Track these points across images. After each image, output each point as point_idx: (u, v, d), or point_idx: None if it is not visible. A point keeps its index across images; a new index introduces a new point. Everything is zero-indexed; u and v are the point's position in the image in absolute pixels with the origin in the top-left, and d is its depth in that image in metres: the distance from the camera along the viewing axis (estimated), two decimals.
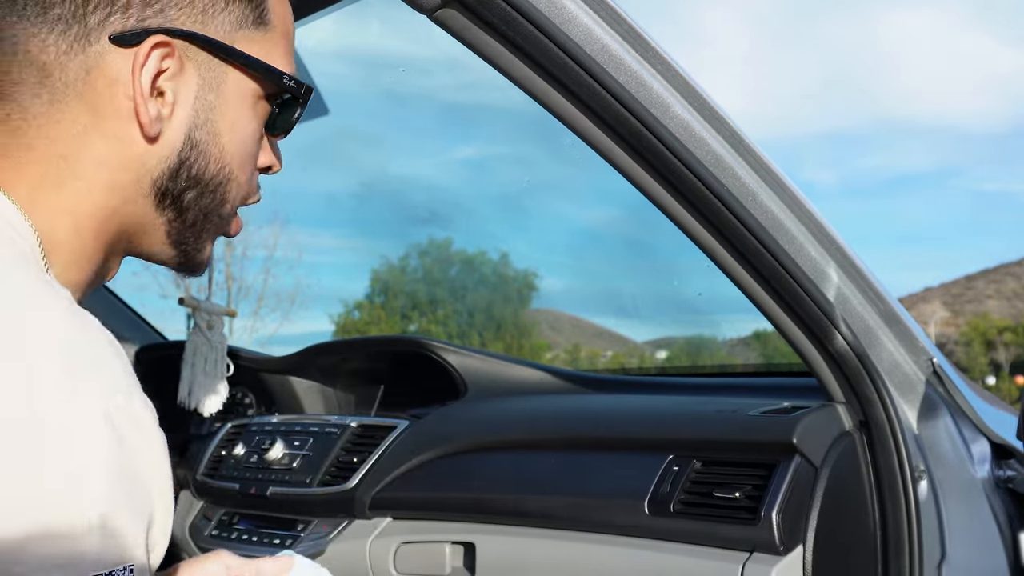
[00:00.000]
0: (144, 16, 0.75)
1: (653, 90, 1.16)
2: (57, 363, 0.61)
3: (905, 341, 1.50)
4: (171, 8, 0.76)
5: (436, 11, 1.03)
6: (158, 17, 0.75)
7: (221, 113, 0.81)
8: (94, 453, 0.60)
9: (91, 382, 0.62)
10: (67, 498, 0.59)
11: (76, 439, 0.60)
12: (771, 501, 1.32)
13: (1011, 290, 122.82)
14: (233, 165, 0.84)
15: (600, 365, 60.03)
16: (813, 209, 1.37)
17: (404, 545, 1.69)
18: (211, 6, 0.78)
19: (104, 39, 0.74)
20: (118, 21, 0.74)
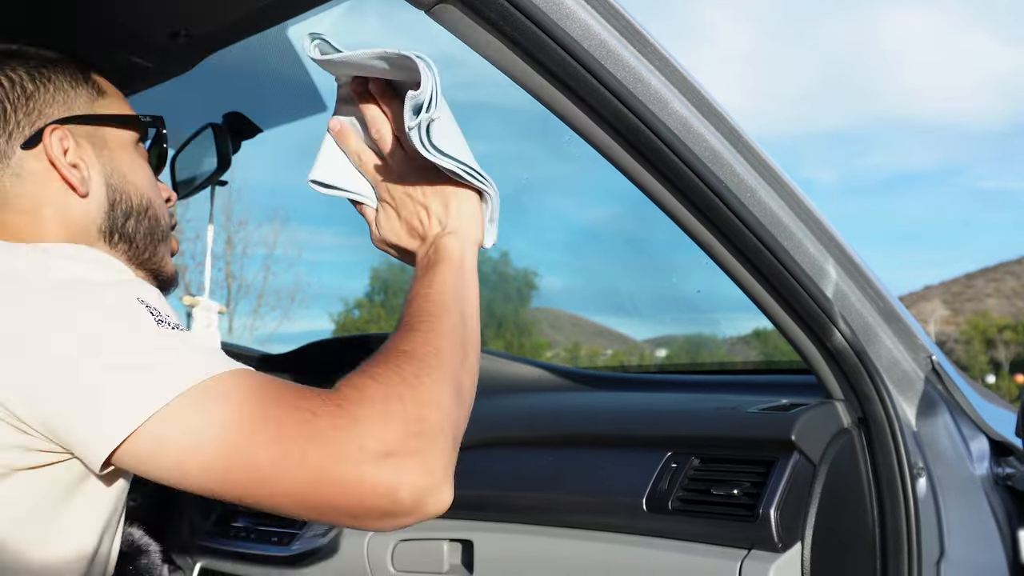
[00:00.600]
0: (32, 123, 1.07)
1: (651, 86, 1.15)
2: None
3: (904, 338, 1.50)
4: (45, 109, 1.09)
5: (433, 7, 1.03)
6: (40, 119, 1.08)
7: (119, 160, 1.13)
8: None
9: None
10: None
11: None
12: (769, 498, 1.32)
13: (1011, 288, 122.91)
14: (149, 194, 1.16)
15: (600, 363, 60.05)
16: (812, 206, 1.36)
17: (402, 543, 1.69)
18: (66, 95, 1.11)
19: (17, 149, 1.06)
20: (17, 136, 1.07)
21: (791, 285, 1.33)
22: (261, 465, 0.80)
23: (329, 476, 0.80)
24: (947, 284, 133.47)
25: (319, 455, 0.80)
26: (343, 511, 0.82)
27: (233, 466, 0.81)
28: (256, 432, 0.80)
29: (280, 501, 0.81)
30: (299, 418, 0.81)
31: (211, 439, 0.80)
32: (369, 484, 0.81)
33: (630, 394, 1.94)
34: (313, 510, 0.83)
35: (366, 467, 0.81)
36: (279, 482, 0.80)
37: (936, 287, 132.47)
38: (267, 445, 0.80)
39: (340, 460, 0.81)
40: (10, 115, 1.07)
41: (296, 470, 0.80)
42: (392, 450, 0.82)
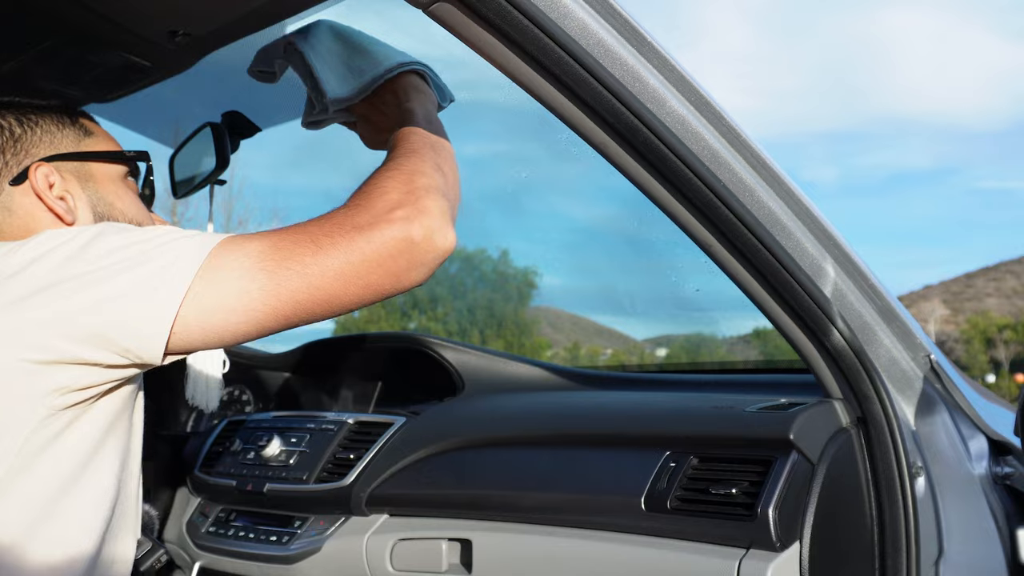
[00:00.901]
0: (20, 163, 1.19)
1: (649, 85, 1.15)
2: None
3: (903, 338, 1.50)
4: (32, 148, 1.21)
5: (431, 6, 1.03)
6: (28, 158, 1.20)
7: (105, 191, 1.25)
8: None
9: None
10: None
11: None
12: (768, 497, 1.32)
13: (1011, 288, 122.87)
14: (138, 219, 1.27)
15: (600, 363, 60.05)
16: (810, 205, 1.36)
17: (401, 542, 1.68)
18: (52, 136, 1.23)
19: (6, 186, 1.19)
20: (6, 175, 1.19)
21: (789, 284, 1.33)
22: (300, 278, 0.98)
23: (356, 249, 0.99)
24: (947, 283, 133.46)
25: (341, 238, 0.99)
26: (382, 274, 1.00)
27: (273, 304, 0.98)
28: (281, 255, 0.98)
29: (333, 303, 1.00)
30: (313, 225, 1.01)
31: (240, 296, 0.97)
32: (388, 238, 1.00)
33: (629, 393, 1.94)
34: (358, 291, 1.00)
35: (380, 227, 1.00)
36: (320, 284, 0.98)
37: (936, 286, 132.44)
38: (296, 259, 0.98)
39: (358, 233, 1.00)
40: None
41: (329, 261, 0.98)
42: (395, 206, 1.02)
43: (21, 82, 1.73)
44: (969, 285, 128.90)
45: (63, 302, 0.96)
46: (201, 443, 2.23)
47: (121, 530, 1.16)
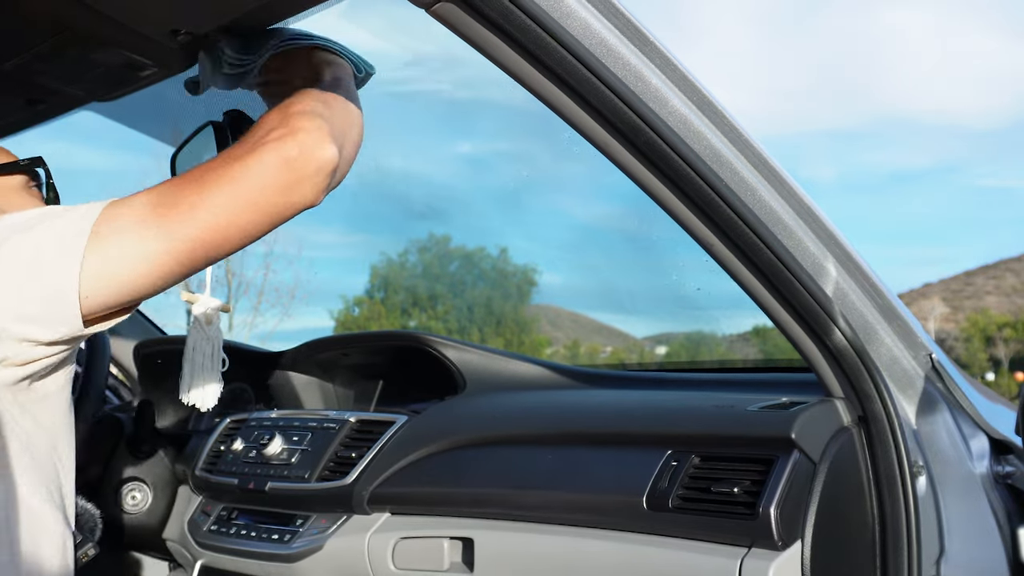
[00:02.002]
0: None
1: (651, 84, 1.15)
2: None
3: (904, 337, 1.50)
4: None
5: (434, 5, 1.03)
6: None
7: (5, 202, 1.28)
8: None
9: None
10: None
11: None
12: (769, 496, 1.32)
13: (1011, 286, 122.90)
14: None
15: (600, 361, 60.05)
16: (812, 204, 1.36)
17: (403, 540, 1.69)
18: None
19: None
20: None
21: (791, 283, 1.33)
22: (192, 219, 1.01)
23: (237, 177, 1.03)
24: (947, 282, 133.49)
25: (222, 171, 1.04)
26: (269, 195, 1.04)
27: (174, 247, 1.01)
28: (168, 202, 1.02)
29: (231, 233, 1.03)
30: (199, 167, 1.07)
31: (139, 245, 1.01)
32: (265, 159, 1.04)
33: (630, 392, 1.95)
34: (253, 217, 1.04)
35: (256, 151, 1.05)
36: (213, 220, 1.02)
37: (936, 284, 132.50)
38: (183, 201, 1.02)
39: (236, 161, 1.04)
40: None
41: (215, 196, 1.02)
42: (269, 131, 1.07)
43: (22, 80, 1.73)
44: (969, 283, 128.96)
45: None
46: (203, 441, 2.23)
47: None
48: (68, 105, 1.89)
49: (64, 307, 1.00)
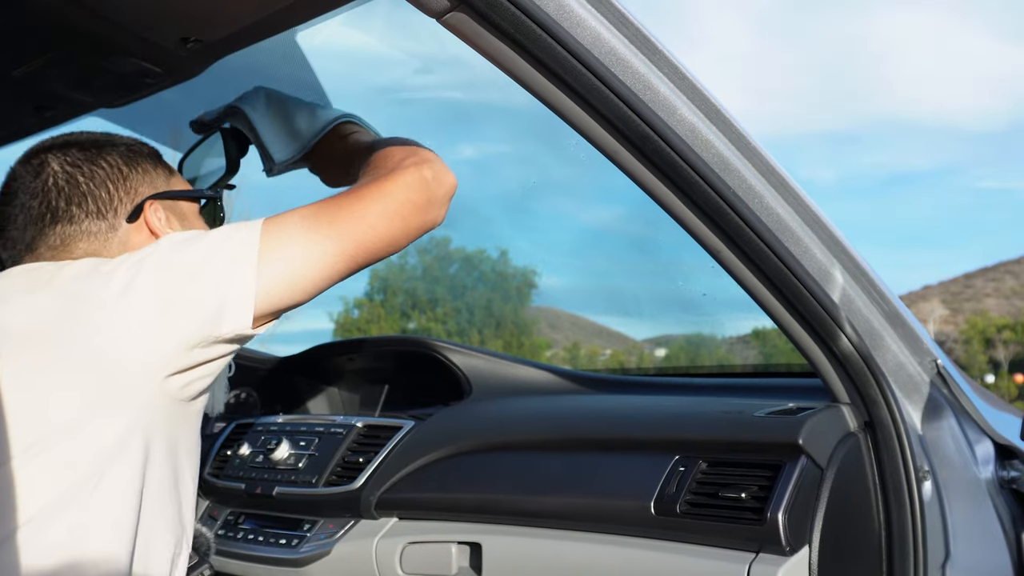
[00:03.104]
0: (133, 200, 1.31)
1: (660, 93, 1.16)
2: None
3: (909, 342, 1.51)
4: (140, 187, 1.33)
5: (445, 15, 1.04)
6: (138, 196, 1.32)
7: (192, 224, 1.40)
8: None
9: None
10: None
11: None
12: (777, 502, 1.32)
13: (1010, 288, 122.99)
14: None
15: (599, 363, 60.02)
16: (819, 211, 1.37)
17: (410, 545, 1.69)
18: (150, 175, 1.36)
19: (123, 223, 1.31)
20: (122, 212, 1.31)
21: (798, 290, 1.34)
22: (361, 226, 1.18)
23: (388, 193, 1.21)
24: (946, 284, 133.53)
25: (377, 189, 1.21)
26: (411, 210, 1.22)
27: (345, 248, 1.17)
28: (330, 213, 1.18)
29: (383, 242, 1.20)
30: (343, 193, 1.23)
31: (314, 247, 1.15)
32: (409, 179, 1.22)
33: (637, 397, 1.95)
34: (400, 227, 1.22)
35: (399, 174, 1.23)
36: (374, 229, 1.19)
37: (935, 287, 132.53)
38: (352, 214, 1.18)
39: (385, 181, 1.22)
40: (113, 194, 1.30)
41: (372, 207, 1.19)
42: (403, 159, 1.26)
43: (31, 87, 1.74)
44: (968, 285, 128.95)
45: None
46: (209, 446, 2.24)
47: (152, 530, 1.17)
48: (76, 112, 1.90)
49: (239, 306, 1.12)
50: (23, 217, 1.28)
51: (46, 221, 1.27)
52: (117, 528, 1.08)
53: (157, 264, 1.12)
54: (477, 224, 55.22)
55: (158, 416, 1.12)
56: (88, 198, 1.28)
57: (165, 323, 1.09)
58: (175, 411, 1.14)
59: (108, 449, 1.07)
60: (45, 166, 1.29)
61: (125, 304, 1.09)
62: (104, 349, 1.08)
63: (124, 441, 1.08)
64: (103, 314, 1.09)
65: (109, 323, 1.09)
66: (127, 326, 1.09)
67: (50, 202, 1.27)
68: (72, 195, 1.27)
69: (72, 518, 1.05)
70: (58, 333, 1.09)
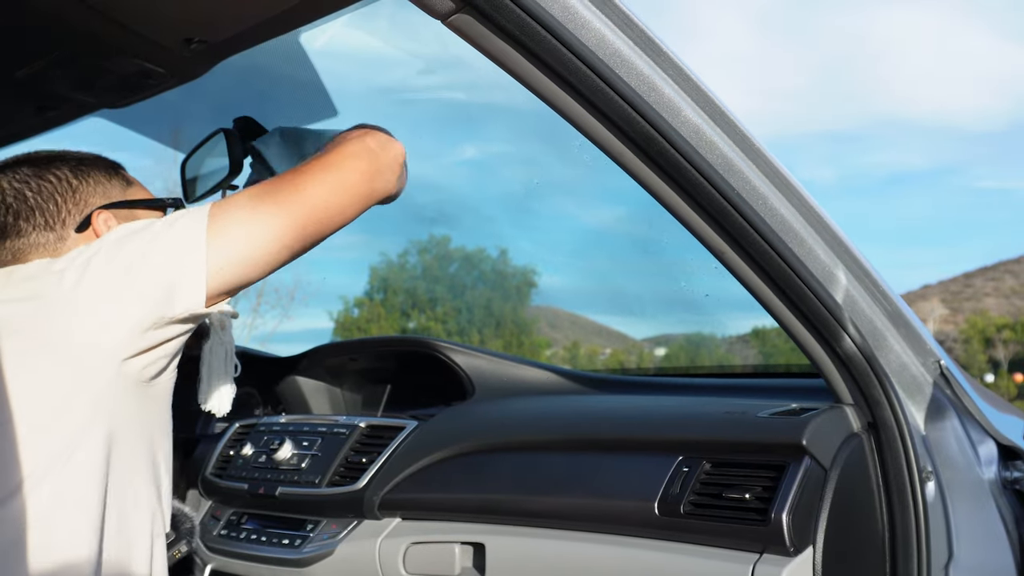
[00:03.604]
0: (80, 211, 1.33)
1: (664, 94, 1.16)
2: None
3: (912, 343, 1.51)
4: (90, 199, 1.34)
5: (450, 16, 1.04)
6: (87, 207, 1.33)
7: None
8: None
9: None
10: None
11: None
12: (781, 502, 1.33)
13: (1009, 288, 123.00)
14: None
15: (599, 362, 60.03)
16: (822, 212, 1.37)
17: (414, 545, 1.69)
18: (103, 186, 1.37)
19: (71, 233, 1.32)
20: (70, 223, 1.32)
21: (801, 290, 1.34)
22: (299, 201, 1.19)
23: (331, 164, 1.24)
24: (946, 283, 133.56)
25: (319, 163, 1.25)
26: (357, 179, 1.26)
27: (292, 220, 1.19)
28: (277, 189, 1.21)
29: (332, 212, 1.23)
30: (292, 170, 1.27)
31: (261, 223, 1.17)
32: (352, 151, 1.27)
33: (640, 398, 1.95)
34: (349, 198, 1.25)
35: (343, 146, 1.28)
36: (321, 200, 1.21)
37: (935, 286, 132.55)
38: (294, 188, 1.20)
39: (327, 154, 1.26)
40: (61, 206, 1.32)
41: (319, 179, 1.22)
42: (348, 135, 1.32)
43: (34, 88, 1.74)
44: (968, 285, 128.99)
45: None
46: (212, 446, 2.24)
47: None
48: (78, 112, 1.90)
49: (191, 286, 1.15)
50: None
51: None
52: (81, 507, 1.12)
53: (107, 255, 1.16)
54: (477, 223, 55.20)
55: (122, 399, 1.16)
56: (36, 211, 1.31)
57: (118, 309, 1.13)
58: (138, 393, 1.18)
59: (73, 430, 1.12)
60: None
61: (78, 296, 1.14)
62: (64, 338, 1.13)
63: (88, 423, 1.13)
64: (59, 308, 1.14)
65: (66, 315, 1.13)
66: (83, 316, 1.13)
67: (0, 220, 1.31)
68: (20, 210, 1.31)
69: (41, 496, 1.09)
70: (21, 327, 1.14)
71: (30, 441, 1.10)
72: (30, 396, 1.11)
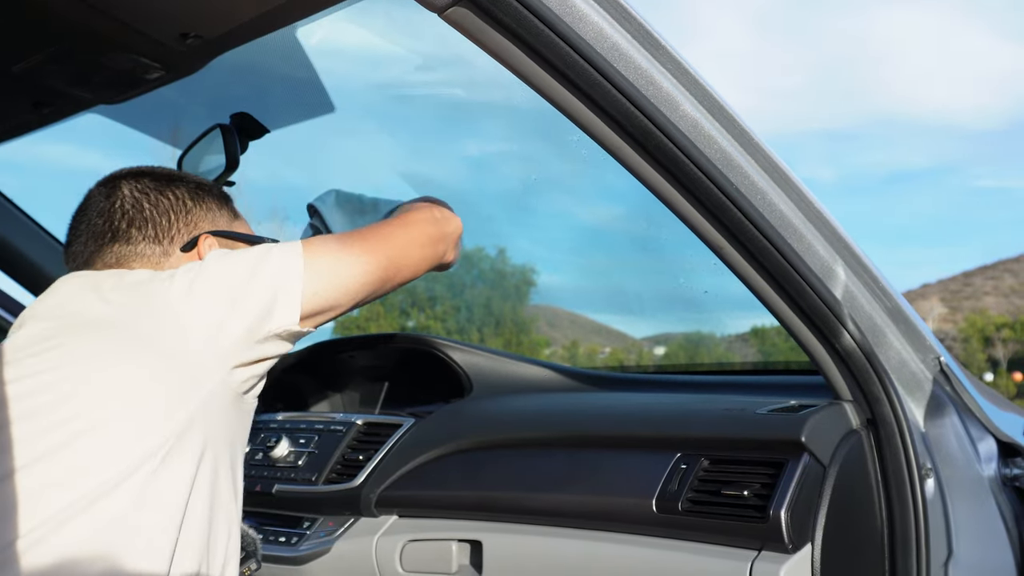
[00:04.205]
0: (190, 231, 1.40)
1: (663, 88, 1.15)
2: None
3: (912, 339, 1.50)
4: (200, 222, 1.42)
5: (447, 10, 1.03)
6: (196, 230, 1.41)
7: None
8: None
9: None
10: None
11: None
12: (780, 499, 1.32)
13: (1009, 287, 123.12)
14: None
15: (599, 361, 60.03)
16: (821, 207, 1.37)
17: (410, 543, 1.69)
18: (213, 213, 1.44)
19: (177, 251, 1.38)
20: (178, 240, 1.39)
21: (800, 286, 1.34)
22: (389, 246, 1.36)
23: (409, 224, 1.42)
24: (945, 282, 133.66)
25: (397, 221, 1.42)
26: (424, 243, 1.42)
27: (378, 262, 1.32)
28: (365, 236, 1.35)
29: (407, 263, 1.38)
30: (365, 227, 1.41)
31: (350, 259, 1.30)
32: (421, 218, 1.44)
33: (638, 395, 1.95)
34: (419, 254, 1.41)
35: (414, 213, 1.45)
36: (400, 250, 1.37)
37: (934, 285, 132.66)
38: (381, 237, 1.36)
39: (406, 215, 1.45)
40: (173, 223, 1.39)
41: (397, 234, 1.39)
42: (415, 206, 1.50)
43: (31, 83, 1.73)
44: (967, 284, 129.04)
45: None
46: None
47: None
48: (74, 108, 1.89)
49: (288, 304, 1.24)
50: (87, 233, 1.37)
51: (106, 239, 1.36)
52: (166, 509, 1.13)
53: (214, 269, 1.23)
54: (476, 222, 55.23)
55: (220, 408, 1.20)
56: (149, 223, 1.37)
57: (229, 319, 1.19)
58: (234, 405, 1.23)
59: (173, 430, 1.14)
60: (117, 190, 1.39)
61: (191, 303, 1.19)
62: (178, 342, 1.17)
63: (188, 426, 1.15)
64: (171, 312, 1.19)
65: (178, 320, 1.18)
66: (195, 323, 1.18)
67: (113, 222, 1.36)
68: (135, 219, 1.37)
69: (128, 495, 1.10)
70: (135, 324, 1.19)
71: (128, 438, 1.12)
72: (137, 394, 1.14)
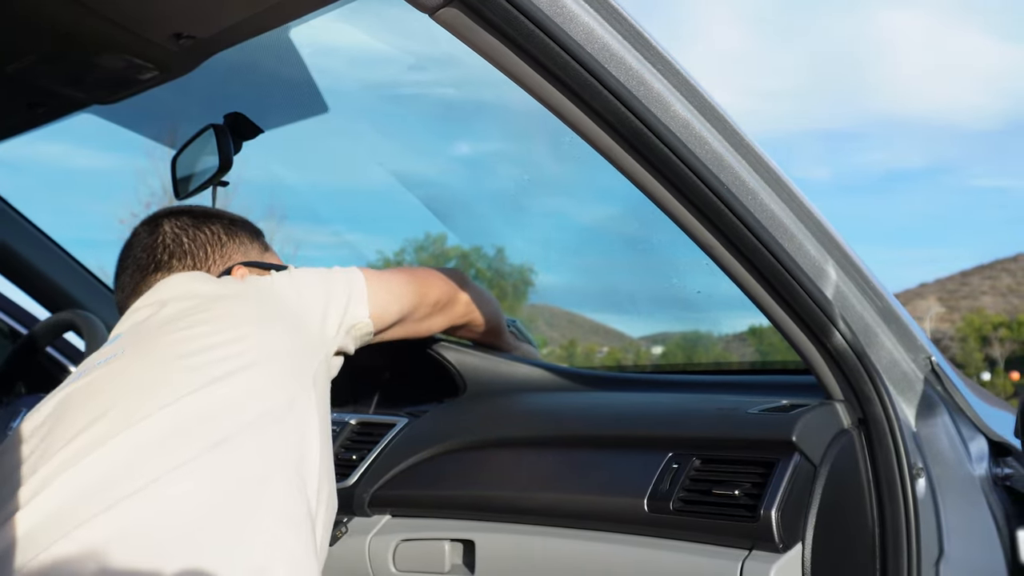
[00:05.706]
0: (226, 263, 1.58)
1: (653, 88, 1.16)
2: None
3: (903, 339, 1.51)
4: (234, 255, 1.59)
5: (438, 10, 1.03)
6: (230, 261, 1.58)
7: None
8: None
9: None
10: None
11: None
12: (770, 499, 1.32)
13: (1006, 286, 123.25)
14: None
15: (596, 360, 60.06)
16: (812, 207, 1.37)
17: (403, 542, 1.69)
18: (245, 246, 1.62)
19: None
20: (214, 271, 1.55)
21: (791, 286, 1.34)
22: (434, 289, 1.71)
23: (450, 278, 1.76)
24: (943, 282, 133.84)
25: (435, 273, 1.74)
26: (452, 293, 1.76)
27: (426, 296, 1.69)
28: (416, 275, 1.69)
29: (437, 309, 1.73)
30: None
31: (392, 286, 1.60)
32: (454, 276, 1.77)
33: (631, 394, 1.95)
34: (448, 303, 1.76)
35: (448, 274, 1.77)
36: (440, 294, 1.72)
37: (932, 284, 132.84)
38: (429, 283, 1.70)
39: (452, 275, 1.77)
40: (210, 255, 1.56)
41: (435, 283, 1.72)
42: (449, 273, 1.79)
43: (24, 84, 1.73)
44: (964, 283, 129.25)
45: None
46: None
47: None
48: (68, 108, 1.89)
49: (359, 302, 1.48)
50: (133, 266, 1.55)
51: (149, 270, 1.53)
52: (283, 464, 1.22)
53: (298, 272, 1.47)
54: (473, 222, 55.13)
55: (322, 384, 1.37)
56: (188, 255, 1.54)
57: (328, 308, 1.43)
58: (324, 387, 1.39)
59: (295, 391, 1.28)
60: (159, 227, 1.57)
61: (300, 291, 1.42)
62: (295, 319, 1.37)
63: (302, 390, 1.29)
64: (283, 297, 1.39)
65: (290, 306, 1.39)
66: (307, 308, 1.40)
67: (156, 255, 1.53)
68: (175, 252, 1.54)
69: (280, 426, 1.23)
70: (257, 298, 1.38)
71: (251, 395, 1.23)
72: (268, 354, 1.28)
